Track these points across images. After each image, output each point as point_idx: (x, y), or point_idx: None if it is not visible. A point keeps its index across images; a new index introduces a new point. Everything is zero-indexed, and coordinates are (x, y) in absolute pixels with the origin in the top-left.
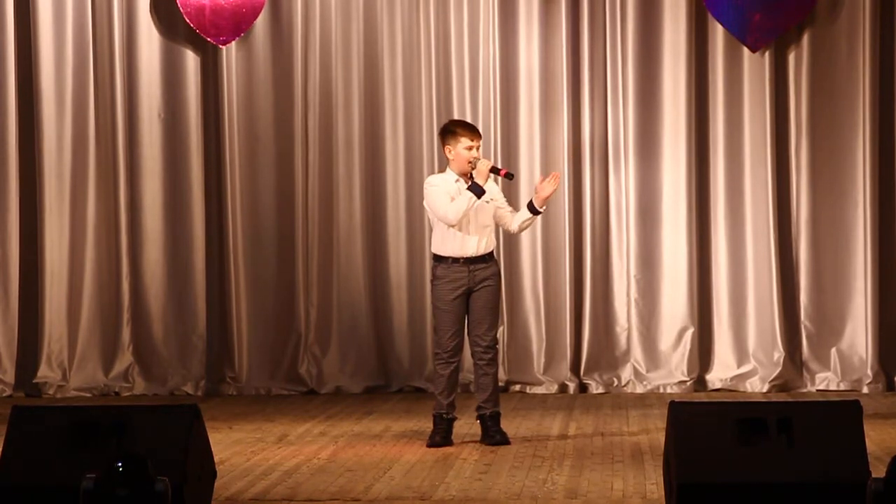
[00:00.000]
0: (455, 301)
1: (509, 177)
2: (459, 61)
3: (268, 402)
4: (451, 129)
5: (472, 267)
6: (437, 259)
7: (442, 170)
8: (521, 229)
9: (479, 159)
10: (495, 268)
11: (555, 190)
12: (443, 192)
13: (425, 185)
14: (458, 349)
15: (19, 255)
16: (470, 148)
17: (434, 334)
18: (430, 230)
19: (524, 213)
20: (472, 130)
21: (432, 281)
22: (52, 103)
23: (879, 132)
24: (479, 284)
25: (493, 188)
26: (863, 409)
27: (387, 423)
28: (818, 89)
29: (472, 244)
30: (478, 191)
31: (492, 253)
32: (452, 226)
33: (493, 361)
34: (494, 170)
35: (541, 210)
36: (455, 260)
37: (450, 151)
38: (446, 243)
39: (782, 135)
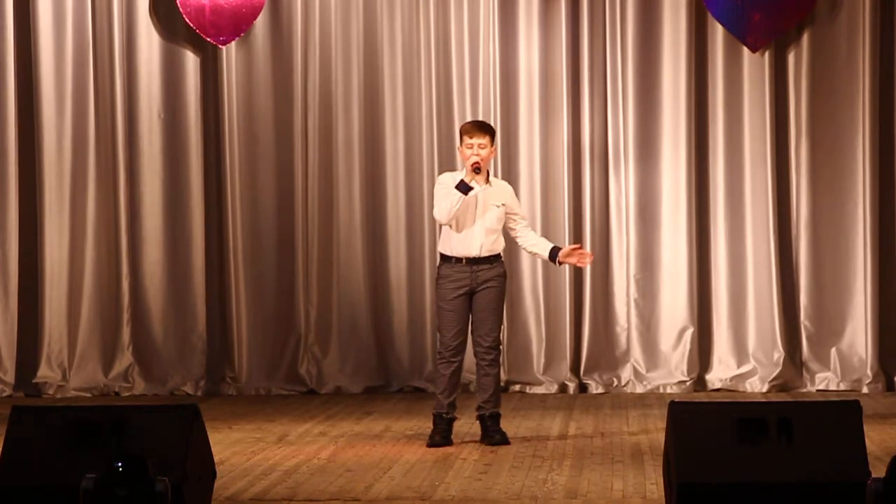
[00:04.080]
0: (457, 300)
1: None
2: (459, 62)
3: (268, 402)
4: (460, 130)
5: (474, 268)
6: (442, 258)
7: (441, 169)
8: (528, 252)
9: (478, 157)
10: (500, 269)
11: (579, 265)
12: (445, 191)
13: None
14: (461, 349)
15: (19, 255)
16: (470, 146)
17: (438, 333)
18: (431, 230)
19: (541, 250)
20: (473, 127)
21: (437, 280)
22: (52, 103)
23: (879, 132)
24: (481, 285)
25: (506, 193)
26: (863, 409)
27: (387, 423)
28: (818, 89)
29: (476, 245)
30: (463, 188)
31: (498, 255)
32: (444, 224)
33: (495, 362)
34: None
35: (557, 265)
36: (458, 260)
37: (460, 151)
38: (450, 243)
39: (782, 135)
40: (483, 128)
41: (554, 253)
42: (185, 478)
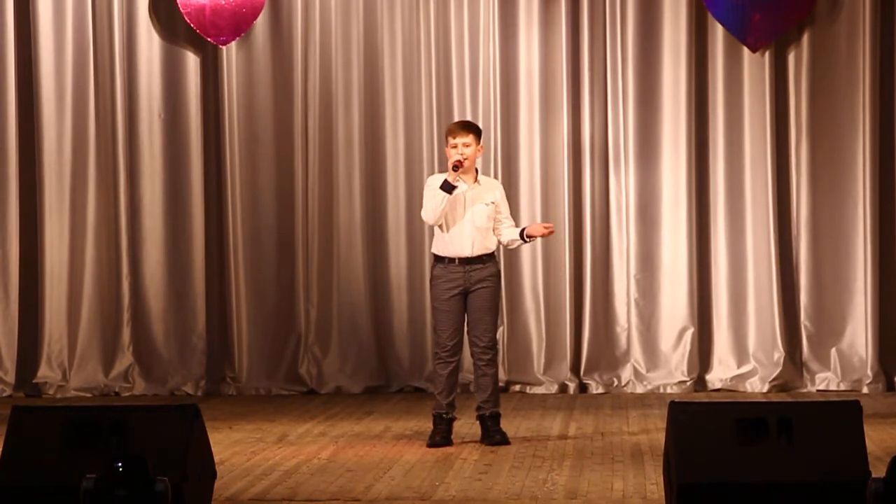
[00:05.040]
0: (451, 300)
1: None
2: (459, 61)
3: (268, 402)
4: (445, 131)
5: (467, 267)
6: (435, 259)
7: (442, 169)
8: (509, 247)
9: (463, 156)
10: (493, 268)
11: (544, 236)
12: (432, 192)
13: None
14: (457, 349)
15: (19, 255)
16: (454, 146)
17: (433, 334)
18: (431, 229)
19: (514, 235)
20: (456, 127)
21: (431, 281)
22: (52, 103)
23: (879, 132)
24: (475, 285)
25: (496, 192)
26: (863, 409)
27: (387, 423)
28: (818, 89)
29: (468, 245)
30: (447, 188)
31: (491, 254)
32: (432, 224)
33: (493, 362)
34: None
35: (527, 241)
36: (451, 260)
37: (446, 152)
38: (442, 244)
39: (782, 135)
40: (466, 127)
41: (522, 232)
42: (185, 478)
